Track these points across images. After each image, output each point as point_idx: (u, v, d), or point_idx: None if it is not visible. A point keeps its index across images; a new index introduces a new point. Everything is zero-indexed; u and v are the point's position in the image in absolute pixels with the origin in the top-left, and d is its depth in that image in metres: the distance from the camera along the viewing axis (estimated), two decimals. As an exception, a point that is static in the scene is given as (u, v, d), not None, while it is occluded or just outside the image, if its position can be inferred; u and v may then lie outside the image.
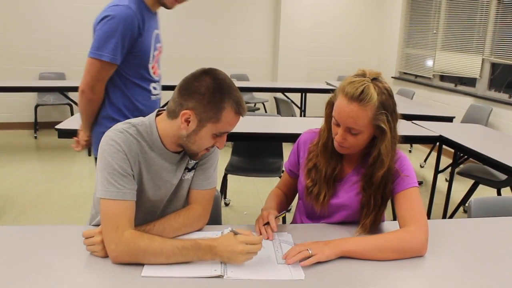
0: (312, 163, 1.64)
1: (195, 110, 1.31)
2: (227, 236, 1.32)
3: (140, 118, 1.44)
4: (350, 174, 1.62)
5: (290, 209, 1.77)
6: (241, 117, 1.37)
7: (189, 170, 1.52)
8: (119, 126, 1.38)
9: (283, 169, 3.44)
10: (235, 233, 1.32)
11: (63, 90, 5.42)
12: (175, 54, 6.52)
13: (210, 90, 1.30)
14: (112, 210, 1.30)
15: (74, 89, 5.23)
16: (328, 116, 1.55)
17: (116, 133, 1.35)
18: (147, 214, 1.47)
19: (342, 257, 1.37)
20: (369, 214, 1.54)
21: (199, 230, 1.52)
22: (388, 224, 1.63)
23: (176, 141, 1.40)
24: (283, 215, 1.62)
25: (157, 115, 1.44)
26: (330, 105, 1.54)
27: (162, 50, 2.17)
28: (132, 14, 1.90)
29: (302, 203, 1.77)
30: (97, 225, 1.39)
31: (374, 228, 1.55)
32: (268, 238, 1.48)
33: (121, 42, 1.92)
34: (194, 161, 1.52)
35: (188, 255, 1.28)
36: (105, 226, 1.30)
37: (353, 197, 1.59)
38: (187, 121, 1.33)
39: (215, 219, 1.77)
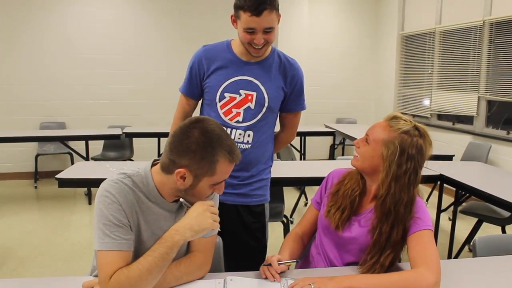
0: (338, 186, 1.72)
1: (189, 168, 1.33)
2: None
3: (136, 169, 1.44)
4: (368, 210, 1.64)
5: (298, 260, 1.76)
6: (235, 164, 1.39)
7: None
8: (114, 177, 1.39)
9: (284, 214, 3.44)
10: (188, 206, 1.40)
11: (63, 140, 5.45)
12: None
13: (201, 146, 1.31)
14: (105, 260, 1.29)
15: (75, 138, 5.38)
16: None
17: (111, 184, 1.35)
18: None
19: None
20: (373, 252, 1.53)
21: (201, 278, 1.50)
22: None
23: (174, 193, 1.41)
24: (292, 263, 1.59)
25: (153, 164, 1.45)
26: None
27: (255, 100, 2.01)
28: (201, 50, 2.07)
29: (322, 232, 1.76)
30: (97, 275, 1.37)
31: (378, 270, 1.52)
32: (274, 280, 1.47)
33: (189, 76, 2.10)
34: None
35: (165, 253, 1.32)
36: (99, 276, 1.29)
37: (365, 233, 1.59)
38: (183, 178, 1.34)
39: (217, 266, 1.74)
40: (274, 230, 3.65)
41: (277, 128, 2.24)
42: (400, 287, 1.35)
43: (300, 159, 6.28)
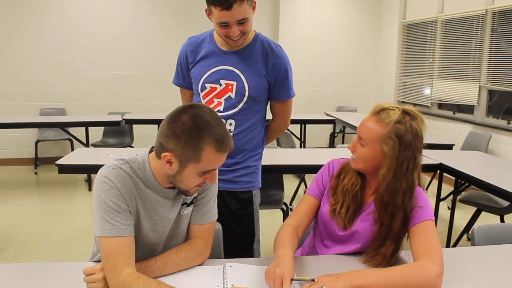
0: (337, 181, 1.68)
1: (174, 152, 1.30)
2: None
3: (134, 155, 1.43)
4: (369, 204, 1.62)
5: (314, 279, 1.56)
6: (226, 153, 1.34)
7: (188, 205, 1.51)
8: (112, 162, 1.38)
9: (284, 201, 3.45)
10: None
11: (63, 126, 5.44)
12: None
13: (186, 131, 1.27)
14: (110, 248, 1.29)
15: (75, 124, 5.38)
16: None
17: (109, 170, 1.34)
18: (147, 252, 1.45)
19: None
20: (376, 244, 1.53)
21: (201, 264, 1.50)
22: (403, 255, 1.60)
23: (167, 179, 1.40)
24: (303, 279, 1.39)
25: (151, 151, 1.44)
26: None
27: (235, 90, 2.00)
28: (186, 43, 2.12)
29: (323, 228, 1.74)
30: (98, 261, 1.38)
31: (381, 261, 1.51)
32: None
33: (179, 68, 2.17)
34: (192, 196, 1.51)
35: None
36: (105, 264, 1.29)
37: (367, 227, 1.58)
38: (169, 163, 1.32)
39: (216, 253, 1.75)
40: (274, 217, 3.67)
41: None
42: (405, 280, 1.35)
43: (300, 147, 6.27)
